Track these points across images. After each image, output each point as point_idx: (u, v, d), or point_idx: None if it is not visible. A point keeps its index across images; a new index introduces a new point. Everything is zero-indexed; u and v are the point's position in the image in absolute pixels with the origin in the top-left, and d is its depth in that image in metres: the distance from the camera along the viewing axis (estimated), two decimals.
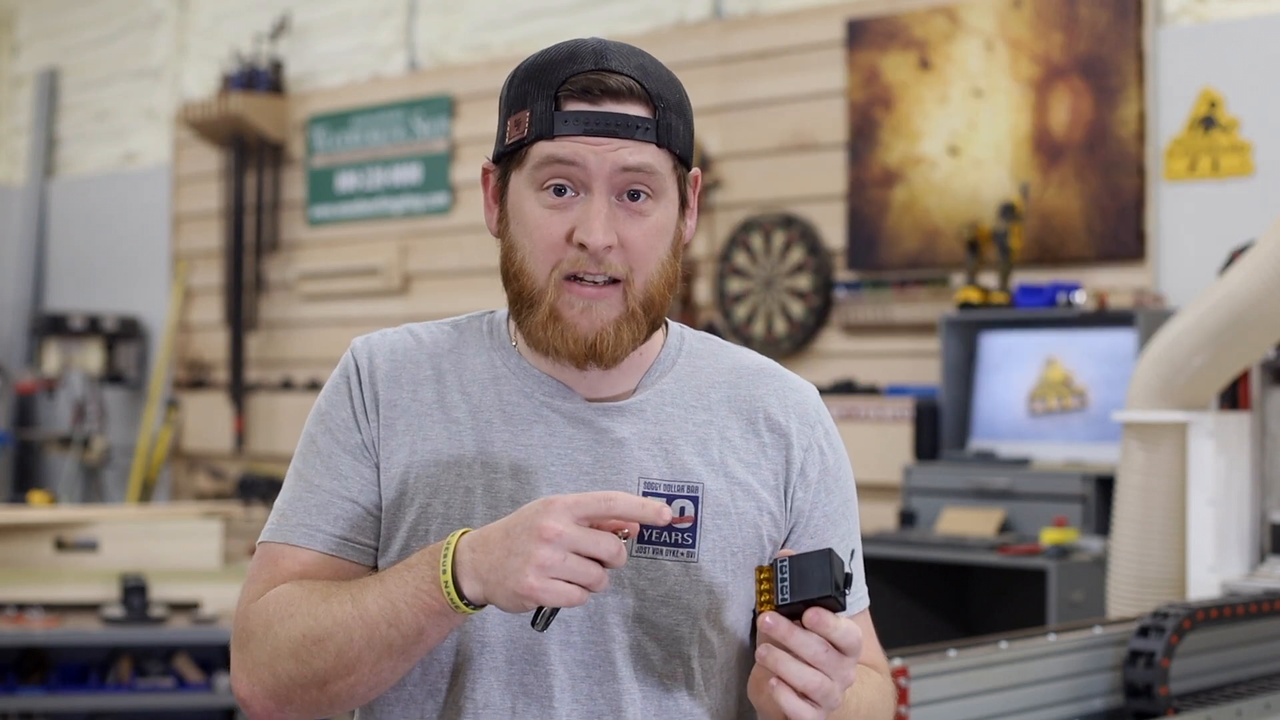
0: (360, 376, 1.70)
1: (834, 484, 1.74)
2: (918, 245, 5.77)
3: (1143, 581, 3.93)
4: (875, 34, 5.91)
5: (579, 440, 1.66)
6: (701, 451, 1.67)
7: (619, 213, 1.60)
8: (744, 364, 1.76)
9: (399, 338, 1.73)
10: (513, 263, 1.64)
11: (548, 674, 1.62)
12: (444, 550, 1.51)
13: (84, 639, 5.10)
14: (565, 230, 1.59)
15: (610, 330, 1.61)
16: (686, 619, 1.64)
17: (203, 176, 8.53)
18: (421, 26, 7.65)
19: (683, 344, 1.75)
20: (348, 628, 1.54)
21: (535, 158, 1.60)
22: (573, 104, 1.59)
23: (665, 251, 1.64)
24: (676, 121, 1.63)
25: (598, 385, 1.68)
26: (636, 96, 1.60)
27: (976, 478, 5.09)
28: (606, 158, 1.58)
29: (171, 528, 5.56)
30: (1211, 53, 5.20)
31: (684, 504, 1.65)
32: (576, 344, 1.60)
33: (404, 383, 1.69)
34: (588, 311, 1.60)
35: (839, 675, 1.50)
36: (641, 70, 1.62)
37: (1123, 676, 2.87)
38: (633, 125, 1.59)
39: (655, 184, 1.61)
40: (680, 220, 1.67)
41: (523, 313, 1.64)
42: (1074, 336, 5.23)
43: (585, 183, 1.59)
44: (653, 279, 1.63)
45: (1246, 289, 3.73)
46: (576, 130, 1.58)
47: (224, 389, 8.32)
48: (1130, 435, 4.01)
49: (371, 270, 7.65)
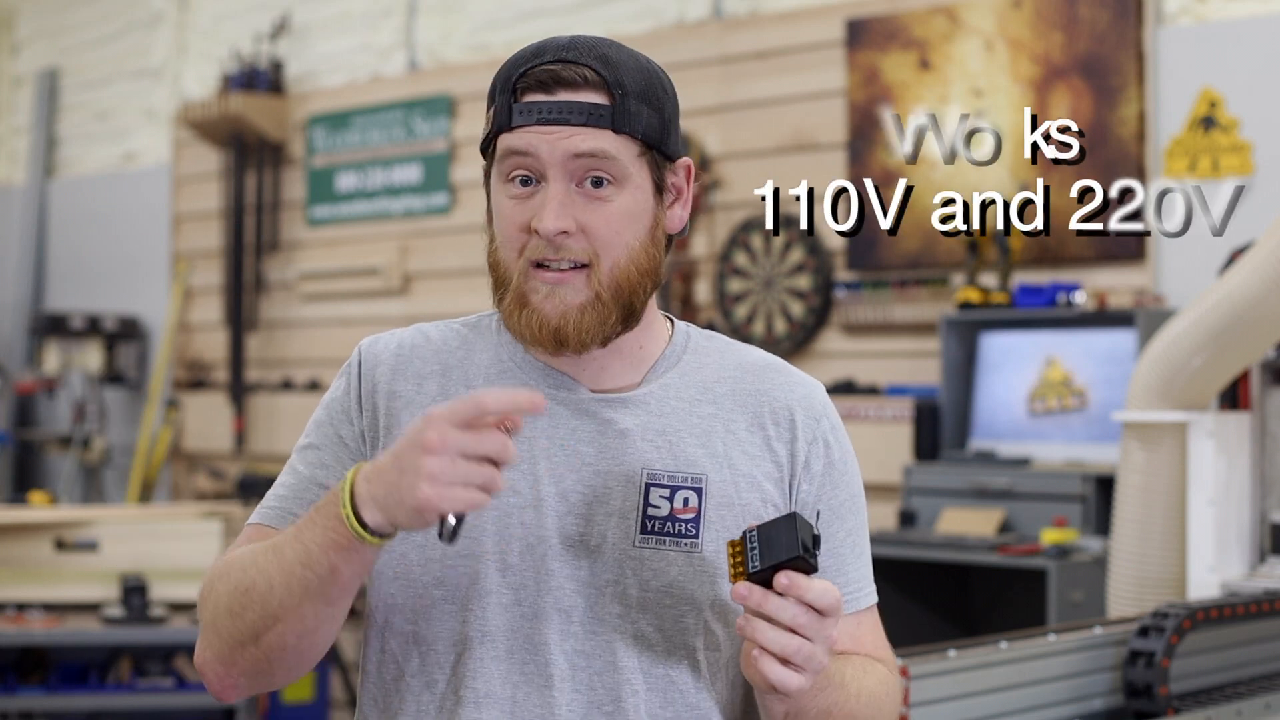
0: (361, 370, 1.74)
1: (839, 478, 1.75)
2: (918, 245, 5.77)
3: (1143, 581, 3.93)
4: (875, 34, 5.91)
5: (582, 431, 1.67)
6: (705, 444, 1.68)
7: (578, 199, 1.63)
8: (750, 360, 1.77)
9: (408, 335, 1.77)
10: (490, 253, 1.69)
11: (548, 663, 1.63)
12: (342, 486, 1.53)
13: (84, 639, 5.10)
14: (526, 219, 1.63)
15: (575, 313, 1.63)
16: (690, 610, 1.65)
17: (203, 176, 8.53)
18: (421, 26, 7.65)
19: (688, 340, 1.76)
20: (268, 575, 1.58)
21: (500, 150, 1.66)
22: (529, 95, 1.63)
23: (637, 238, 1.65)
24: (639, 107, 1.64)
25: (602, 378, 1.70)
26: (592, 85, 1.63)
27: (976, 478, 5.09)
28: (558, 145, 1.61)
29: (171, 528, 5.56)
30: (1212, 53, 5.20)
31: (688, 495, 1.66)
32: (542, 328, 1.63)
33: (409, 375, 1.72)
34: (551, 296, 1.63)
35: (820, 637, 1.50)
36: (602, 60, 1.64)
37: (1123, 676, 2.87)
38: (585, 112, 1.62)
39: (615, 170, 1.63)
40: (658, 207, 1.68)
41: (497, 297, 1.68)
42: (1074, 336, 5.23)
43: (541, 171, 1.62)
44: (621, 264, 1.64)
45: (1246, 289, 3.73)
46: (530, 120, 1.62)
47: (224, 389, 8.32)
48: (1130, 435, 4.01)
49: (371, 270, 7.64)
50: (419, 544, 1.66)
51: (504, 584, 1.64)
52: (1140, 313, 4.92)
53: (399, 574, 1.68)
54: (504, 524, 1.65)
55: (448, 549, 1.64)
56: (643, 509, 1.65)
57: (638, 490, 1.65)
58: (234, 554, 1.67)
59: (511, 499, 1.65)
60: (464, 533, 1.61)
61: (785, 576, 1.49)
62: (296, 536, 1.57)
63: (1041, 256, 5.43)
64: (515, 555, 1.65)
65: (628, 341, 1.71)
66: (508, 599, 1.64)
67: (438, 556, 1.65)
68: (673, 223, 1.71)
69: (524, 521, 1.65)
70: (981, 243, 5.40)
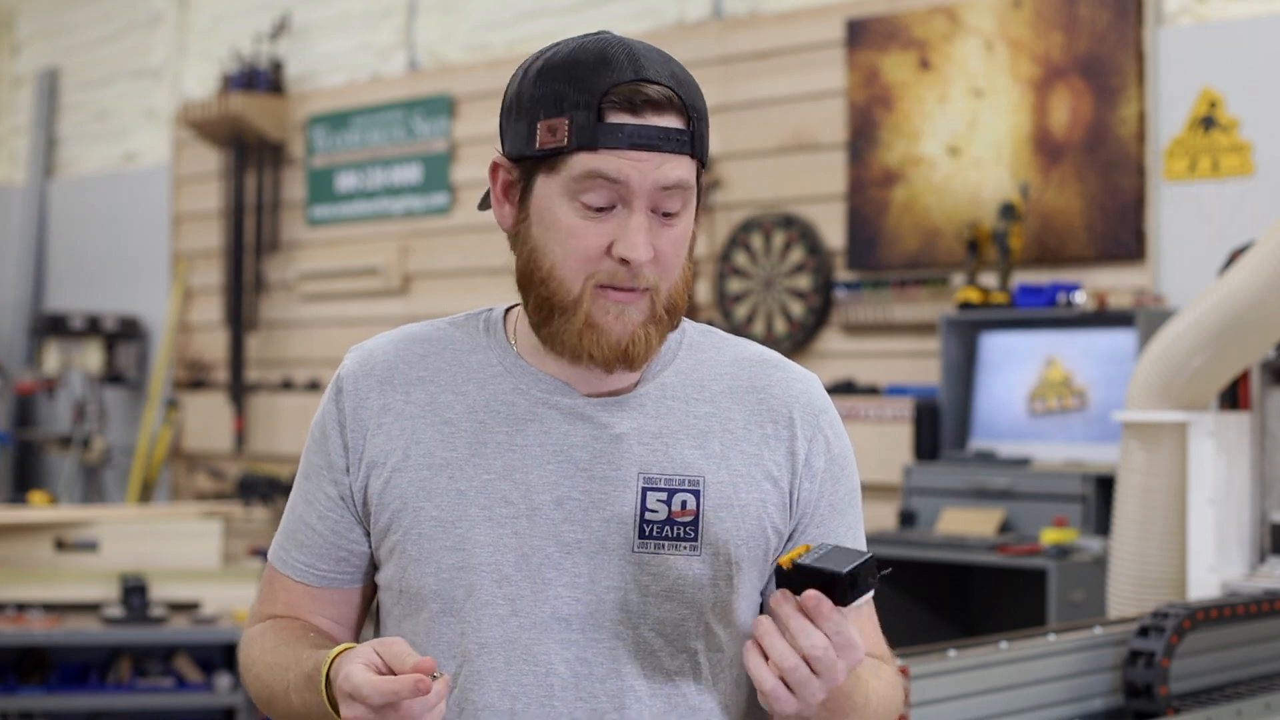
0: (346, 388, 1.71)
1: (840, 473, 1.73)
2: (918, 245, 5.77)
3: (1143, 581, 3.93)
4: (875, 34, 5.91)
5: (575, 436, 1.65)
6: (702, 444, 1.67)
7: (654, 225, 1.61)
8: (746, 355, 1.75)
9: (392, 340, 1.74)
10: (539, 267, 1.62)
11: (548, 674, 1.62)
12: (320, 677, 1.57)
13: (84, 639, 5.10)
14: (603, 242, 1.59)
15: (641, 333, 1.61)
16: (692, 613, 1.64)
17: (203, 176, 8.53)
18: (421, 26, 7.65)
19: (684, 337, 1.73)
20: (286, 695, 1.65)
21: (576, 168, 1.58)
22: (616, 115, 1.58)
23: (686, 256, 1.65)
24: (704, 129, 1.64)
25: (597, 381, 1.67)
26: (674, 108, 1.61)
27: (976, 478, 5.09)
28: (649, 175, 1.58)
29: (171, 528, 5.56)
30: (1211, 53, 5.20)
31: (685, 497, 1.64)
32: (611, 349, 1.60)
33: (397, 384, 1.69)
34: (621, 317, 1.60)
35: (827, 676, 1.47)
36: (675, 79, 1.62)
37: (1123, 677, 2.87)
38: (672, 139, 1.60)
39: (687, 195, 1.62)
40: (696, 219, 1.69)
41: (551, 318, 1.62)
42: (1074, 336, 5.23)
43: (626, 198, 1.58)
44: (676, 284, 1.64)
45: (1247, 289, 3.73)
46: (622, 144, 1.57)
47: (224, 389, 8.32)
48: (1130, 435, 4.00)
49: (371, 270, 7.64)
50: (414, 558, 1.65)
51: (500, 595, 1.63)
52: (1140, 313, 4.92)
53: (400, 588, 1.68)
54: (498, 534, 1.63)
55: (444, 562, 1.64)
56: (640, 513, 1.63)
57: (634, 494, 1.63)
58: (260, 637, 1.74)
59: (504, 509, 1.63)
60: (458, 545, 1.63)
61: (815, 595, 1.47)
62: (299, 689, 1.62)
63: (1041, 256, 5.43)
64: (511, 565, 1.63)
65: None
66: (505, 610, 1.63)
67: (433, 571, 1.64)
68: (696, 231, 1.71)
69: (518, 531, 1.63)
70: (982, 242, 5.40)
